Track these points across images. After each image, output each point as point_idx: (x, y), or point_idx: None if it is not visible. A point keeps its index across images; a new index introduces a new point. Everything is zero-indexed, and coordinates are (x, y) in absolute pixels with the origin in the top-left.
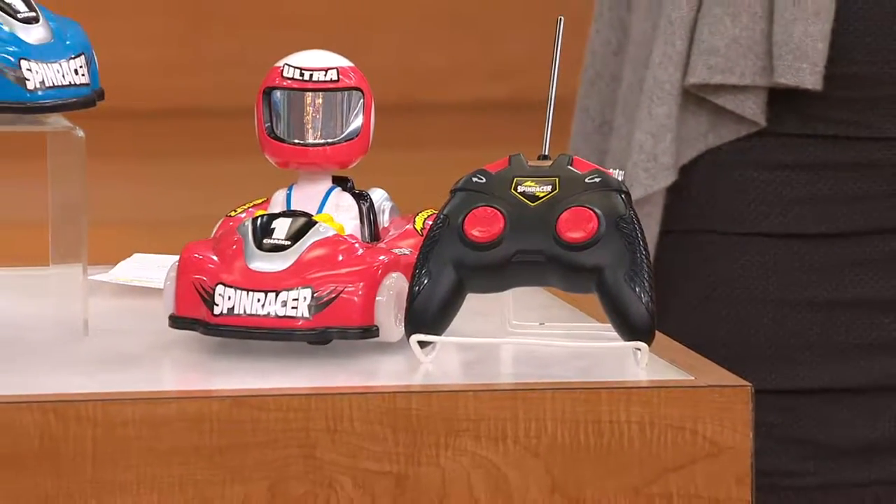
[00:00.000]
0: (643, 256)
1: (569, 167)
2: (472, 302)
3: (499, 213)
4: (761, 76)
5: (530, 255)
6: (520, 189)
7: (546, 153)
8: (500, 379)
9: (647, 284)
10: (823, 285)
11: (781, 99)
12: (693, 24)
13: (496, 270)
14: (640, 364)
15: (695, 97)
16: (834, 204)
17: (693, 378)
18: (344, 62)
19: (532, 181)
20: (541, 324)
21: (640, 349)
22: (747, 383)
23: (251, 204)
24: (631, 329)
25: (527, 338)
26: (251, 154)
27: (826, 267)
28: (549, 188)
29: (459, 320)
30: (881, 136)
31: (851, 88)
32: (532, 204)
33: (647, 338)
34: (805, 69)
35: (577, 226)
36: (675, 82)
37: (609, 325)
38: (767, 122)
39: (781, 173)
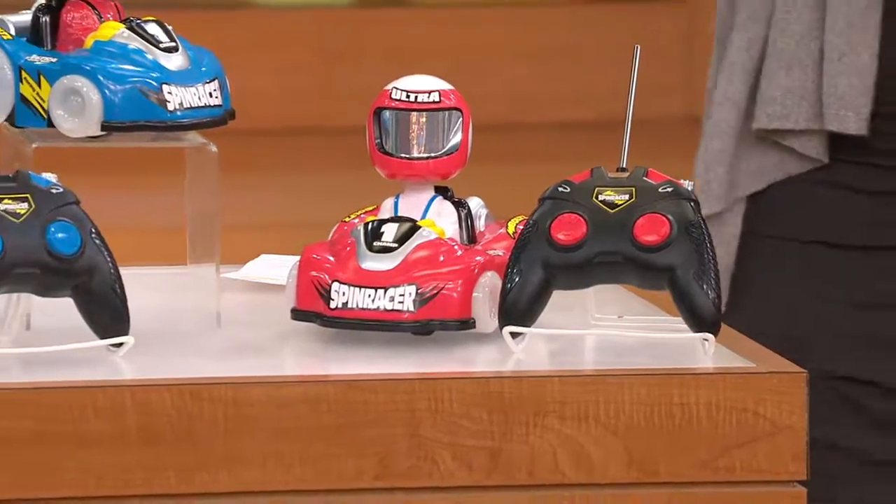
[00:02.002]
0: (710, 257)
1: (644, 178)
2: (558, 298)
3: (582, 218)
4: (814, 122)
5: (610, 256)
6: (600, 197)
7: (624, 166)
8: (582, 366)
9: (713, 282)
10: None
11: (840, 136)
12: (754, 71)
13: (579, 270)
14: (707, 353)
15: (764, 137)
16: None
17: (755, 365)
18: (445, 85)
19: (611, 190)
20: (619, 317)
21: (707, 340)
22: (803, 370)
23: (363, 210)
24: (699, 322)
25: (607, 329)
26: (363, 167)
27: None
28: (626, 197)
29: (546, 314)
30: None
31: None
32: (611, 211)
33: (714, 329)
34: (850, 117)
35: (651, 230)
36: (732, 121)
37: (680, 319)
38: (830, 156)
39: (845, 192)
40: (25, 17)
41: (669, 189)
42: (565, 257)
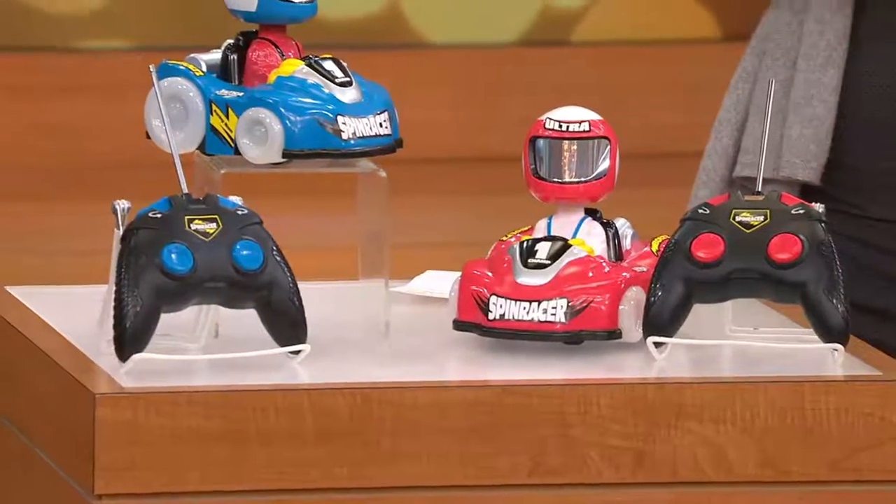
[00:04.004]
0: (838, 273)
1: (778, 201)
2: (698, 310)
3: (720, 238)
4: (776, 171)
5: (746, 273)
6: (737, 219)
7: (759, 190)
8: (720, 373)
9: (842, 296)
10: None
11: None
12: (740, 126)
13: (718, 285)
14: (836, 362)
15: (743, 185)
16: None
17: (881, 373)
18: (594, 116)
19: (748, 212)
20: (755, 329)
21: (836, 350)
22: None
23: (519, 230)
24: (829, 333)
25: (743, 340)
26: (519, 191)
27: None
28: (761, 218)
29: (687, 325)
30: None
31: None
32: (747, 231)
33: (843, 340)
34: (798, 164)
35: (785, 249)
36: (720, 171)
37: (811, 330)
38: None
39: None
40: (215, 56)
41: (801, 211)
42: (705, 273)
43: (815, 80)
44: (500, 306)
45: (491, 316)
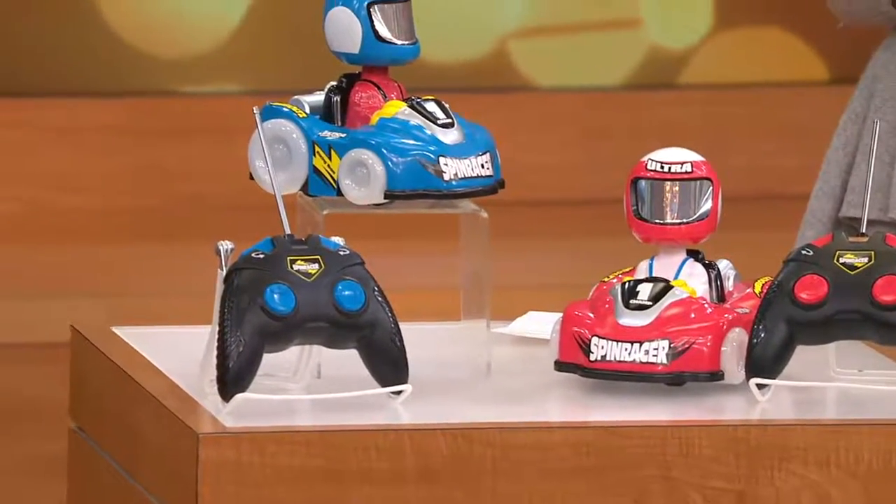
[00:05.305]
0: None
1: (883, 243)
2: (801, 352)
3: (824, 279)
4: (885, 212)
5: (850, 315)
6: (841, 260)
7: (863, 231)
8: (824, 415)
9: None
10: None
11: None
12: (847, 167)
13: (821, 326)
14: None
15: (849, 225)
16: None
17: None
18: (696, 157)
19: (851, 254)
20: (859, 371)
21: None
22: None
23: (620, 271)
24: None
25: (847, 382)
26: (621, 232)
27: None
28: (865, 259)
29: (790, 367)
30: None
31: None
32: (851, 273)
33: None
34: None
35: (889, 291)
36: (827, 211)
37: None
38: None
39: None
40: (318, 98)
41: None
42: (808, 315)
43: None
44: (602, 347)
45: (592, 357)
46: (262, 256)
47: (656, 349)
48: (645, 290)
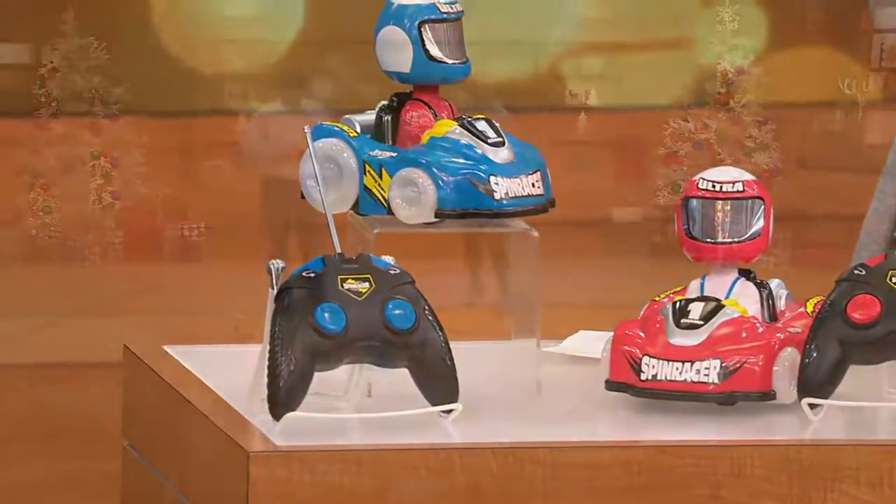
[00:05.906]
0: None
1: None
2: (854, 372)
3: (877, 299)
4: None
5: None
6: (894, 279)
7: None
8: (877, 435)
9: None
10: None
11: None
12: None
13: (874, 346)
14: None
15: None
16: None
17: None
18: (748, 176)
19: None
20: None
21: None
22: None
23: (671, 291)
24: None
25: None
26: (672, 252)
27: None
28: None
29: (842, 387)
30: None
31: None
32: None
33: None
34: None
35: None
36: (883, 230)
37: None
38: None
39: None
40: (369, 117)
41: None
42: (861, 335)
43: None
44: (653, 367)
45: (643, 376)
46: (312, 275)
47: (707, 369)
48: (696, 310)
